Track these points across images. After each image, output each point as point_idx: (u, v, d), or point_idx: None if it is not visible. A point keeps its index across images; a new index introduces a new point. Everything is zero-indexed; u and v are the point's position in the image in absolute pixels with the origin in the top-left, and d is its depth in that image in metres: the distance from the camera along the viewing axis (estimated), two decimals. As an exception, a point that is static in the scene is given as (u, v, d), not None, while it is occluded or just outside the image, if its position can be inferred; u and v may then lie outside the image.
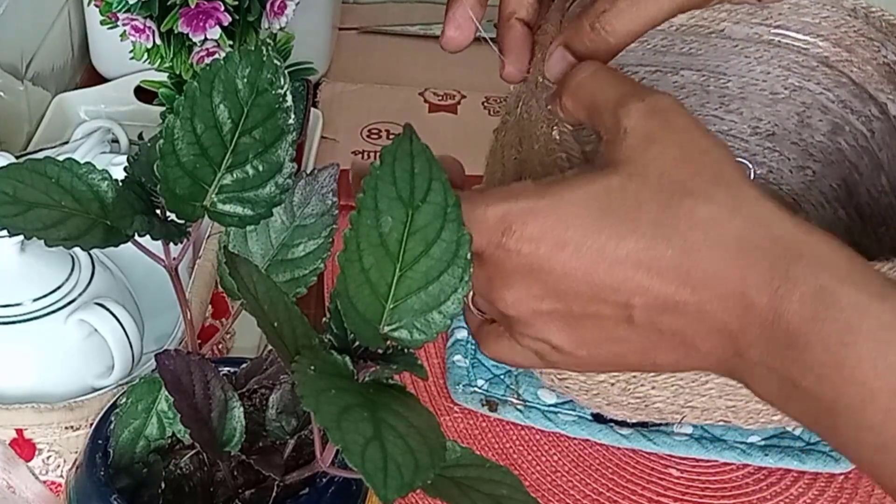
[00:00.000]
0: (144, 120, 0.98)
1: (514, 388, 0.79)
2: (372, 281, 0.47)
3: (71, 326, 0.69)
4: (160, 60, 0.85)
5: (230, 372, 0.56)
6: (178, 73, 0.86)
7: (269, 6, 0.84)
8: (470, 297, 0.53)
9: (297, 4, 0.86)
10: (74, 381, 0.69)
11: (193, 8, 0.80)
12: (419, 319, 0.47)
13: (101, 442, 0.54)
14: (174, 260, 0.53)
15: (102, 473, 0.53)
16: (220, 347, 0.77)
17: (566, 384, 0.68)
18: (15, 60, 0.97)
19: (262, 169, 0.51)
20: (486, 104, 1.11)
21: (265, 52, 0.50)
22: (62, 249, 0.50)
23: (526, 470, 0.76)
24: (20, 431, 0.67)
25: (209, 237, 0.77)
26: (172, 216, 0.51)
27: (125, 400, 0.55)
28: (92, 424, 0.56)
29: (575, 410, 0.78)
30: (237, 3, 0.82)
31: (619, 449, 0.77)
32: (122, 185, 0.52)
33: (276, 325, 0.46)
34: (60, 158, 0.51)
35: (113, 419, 0.55)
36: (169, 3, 0.81)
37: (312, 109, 1.00)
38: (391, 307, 0.47)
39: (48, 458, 0.68)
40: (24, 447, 0.67)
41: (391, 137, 0.48)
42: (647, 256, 0.46)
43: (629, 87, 0.51)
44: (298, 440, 0.55)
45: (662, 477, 0.76)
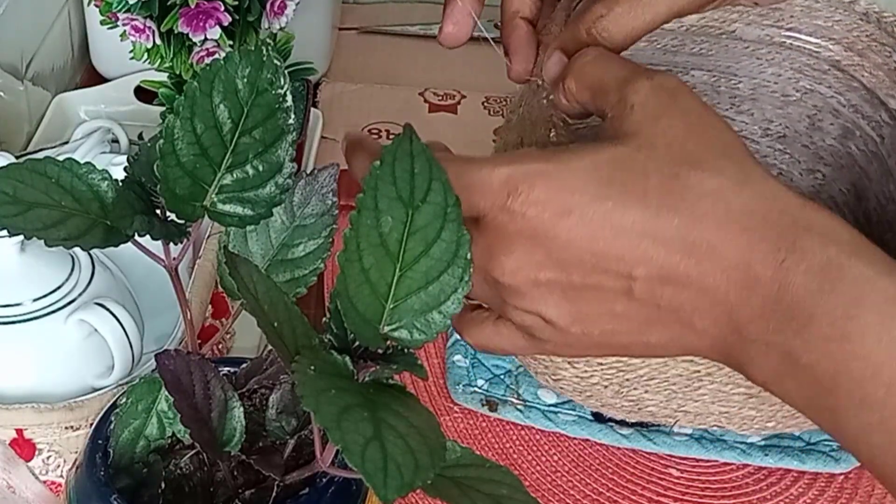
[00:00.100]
0: (144, 120, 0.98)
1: (514, 388, 0.79)
2: (372, 281, 0.47)
3: (71, 326, 0.69)
4: (160, 60, 0.85)
5: (230, 372, 0.56)
6: (178, 73, 0.86)
7: (269, 6, 0.84)
8: None
9: (297, 4, 0.86)
10: (74, 381, 0.69)
11: (193, 8, 0.80)
12: (419, 319, 0.47)
13: (101, 442, 0.54)
14: (174, 260, 0.53)
15: (102, 473, 0.53)
16: (220, 347, 0.77)
17: (560, 385, 0.68)
18: (15, 60, 0.97)
19: (262, 169, 0.51)
20: (486, 104, 1.11)
21: (265, 52, 0.50)
22: (62, 249, 0.50)
23: (526, 470, 0.76)
24: (20, 431, 0.67)
25: (209, 237, 0.77)
26: (172, 216, 0.51)
27: (125, 400, 0.55)
28: (92, 424, 0.56)
29: (575, 410, 0.78)
30: (237, 3, 0.82)
31: (619, 449, 0.77)
32: (122, 185, 0.52)
33: (276, 325, 0.46)
34: (60, 158, 0.51)
35: (113, 419, 0.55)
36: (169, 3, 0.81)
37: (312, 109, 1.00)
38: (391, 307, 0.47)
39: (48, 458, 0.68)
40: (24, 447, 0.67)
41: (391, 137, 0.48)
42: (652, 226, 0.46)
43: (635, 67, 0.51)
44: (298, 440, 0.55)
45: (662, 477, 0.76)
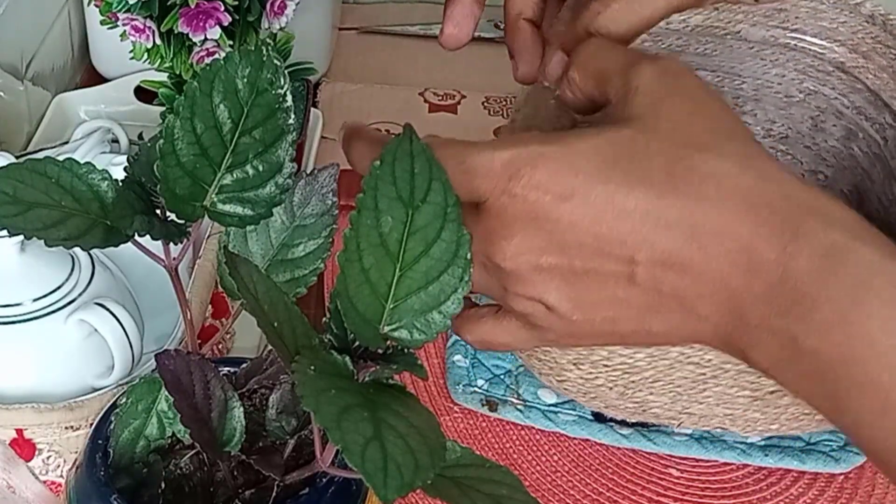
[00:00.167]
0: (144, 120, 0.98)
1: (514, 388, 0.79)
2: (372, 281, 0.47)
3: (71, 326, 0.69)
4: (160, 60, 0.85)
5: (230, 372, 0.56)
6: (178, 73, 0.86)
7: (269, 6, 0.84)
8: None
9: (297, 4, 0.86)
10: (74, 381, 0.69)
11: (193, 8, 0.80)
12: (419, 319, 0.47)
13: (101, 442, 0.54)
14: (174, 260, 0.53)
15: (102, 473, 0.53)
16: (220, 347, 0.77)
17: (564, 386, 0.68)
18: (15, 60, 0.97)
19: (262, 169, 0.51)
20: (486, 104, 1.11)
21: (265, 52, 0.50)
22: (62, 249, 0.50)
23: (526, 470, 0.76)
24: (20, 431, 0.67)
25: (209, 237, 0.77)
26: (172, 216, 0.51)
27: (125, 400, 0.55)
28: (92, 424, 0.56)
29: (575, 410, 0.78)
30: (237, 3, 0.82)
31: (619, 449, 0.77)
32: (122, 185, 0.52)
33: (276, 325, 0.46)
34: (60, 158, 0.51)
35: (113, 419, 0.55)
36: (169, 3, 0.81)
37: (312, 109, 1.00)
38: (391, 307, 0.47)
39: (48, 458, 0.68)
40: (24, 447, 0.67)
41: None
42: (655, 208, 0.45)
43: (637, 52, 0.51)
44: (298, 440, 0.55)
45: (662, 477, 0.76)
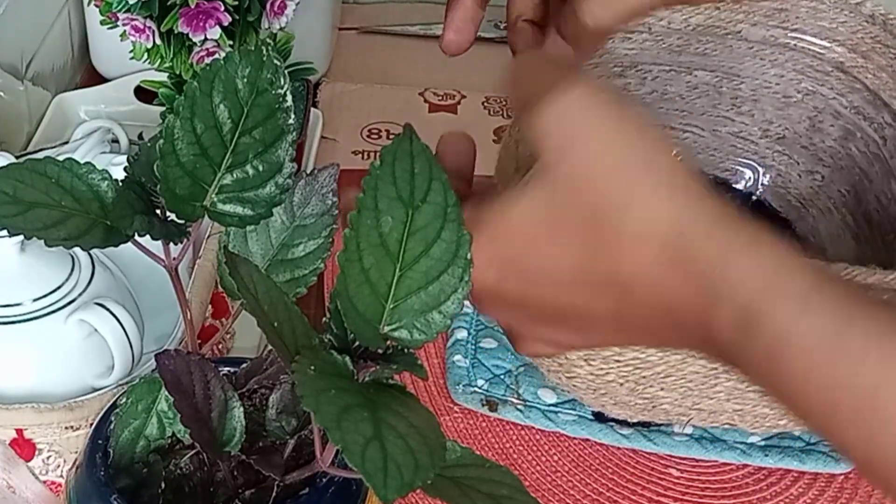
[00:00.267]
0: (144, 120, 0.98)
1: (514, 387, 0.79)
2: (372, 281, 0.47)
3: (71, 326, 0.69)
4: (160, 60, 0.85)
5: (230, 372, 0.56)
6: (178, 73, 0.86)
7: (269, 6, 0.84)
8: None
9: (297, 4, 0.86)
10: (74, 381, 0.69)
11: (193, 8, 0.80)
12: (419, 319, 0.47)
13: (101, 442, 0.54)
14: (174, 260, 0.53)
15: (102, 473, 0.53)
16: (220, 347, 0.77)
17: (574, 383, 0.68)
18: (15, 60, 0.97)
19: (262, 169, 0.51)
20: (486, 104, 1.11)
21: (265, 52, 0.50)
22: (62, 249, 0.50)
23: (526, 470, 0.76)
24: (20, 431, 0.67)
25: (209, 237, 0.77)
26: (172, 216, 0.51)
27: (125, 400, 0.55)
28: (92, 424, 0.56)
29: (575, 410, 0.78)
30: (237, 3, 0.82)
31: (619, 449, 0.77)
32: (122, 185, 0.52)
33: (276, 325, 0.46)
34: (60, 158, 0.51)
35: (113, 419, 0.55)
36: (169, 3, 0.81)
37: (312, 109, 1.00)
38: (391, 307, 0.47)
39: (48, 458, 0.68)
40: (24, 447, 0.67)
41: (391, 137, 0.48)
42: (584, 275, 0.47)
43: (546, 82, 0.48)
44: (298, 440, 0.55)
45: (662, 477, 0.76)
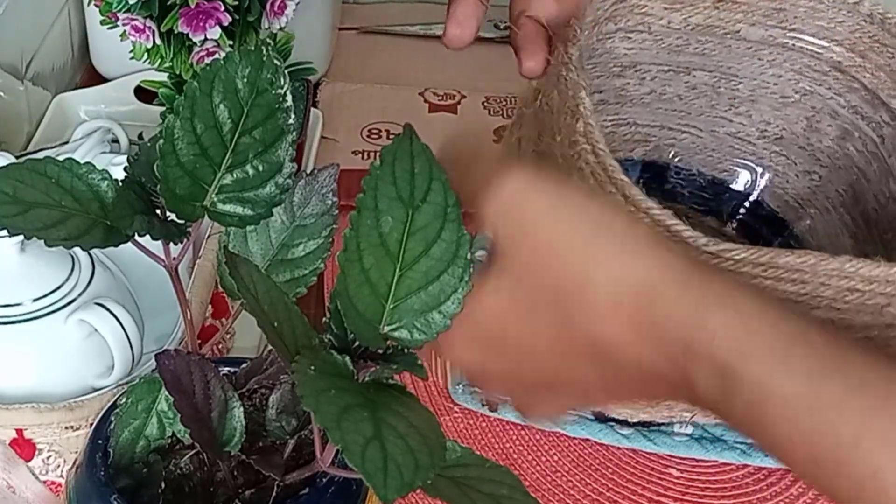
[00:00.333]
0: (144, 120, 0.98)
1: (514, 388, 0.79)
2: (372, 281, 0.47)
3: (71, 326, 0.69)
4: (160, 60, 0.85)
5: (230, 372, 0.56)
6: (178, 73, 0.86)
7: (269, 6, 0.84)
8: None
9: (297, 4, 0.86)
10: (74, 381, 0.69)
11: (193, 8, 0.80)
12: (419, 319, 0.47)
13: (101, 442, 0.54)
14: (174, 260, 0.53)
15: (102, 473, 0.53)
16: (220, 347, 0.77)
17: None
18: (15, 60, 0.96)
19: (262, 169, 0.51)
20: (486, 104, 1.11)
21: (265, 52, 0.50)
22: (62, 249, 0.50)
23: (526, 470, 0.76)
24: (20, 431, 0.67)
25: (209, 237, 0.77)
26: (172, 216, 0.51)
27: (125, 400, 0.55)
28: (92, 424, 0.56)
29: (575, 409, 0.78)
30: (237, 3, 0.82)
31: (619, 449, 0.77)
32: (122, 185, 0.52)
33: (276, 325, 0.46)
34: (60, 158, 0.51)
35: (113, 419, 0.55)
36: (169, 3, 0.81)
37: (312, 109, 1.00)
38: (391, 307, 0.47)
39: (48, 458, 0.68)
40: (24, 447, 0.67)
41: (391, 137, 0.48)
42: (561, 349, 0.47)
43: (484, 171, 0.48)
44: (298, 440, 0.55)
45: (662, 477, 0.76)
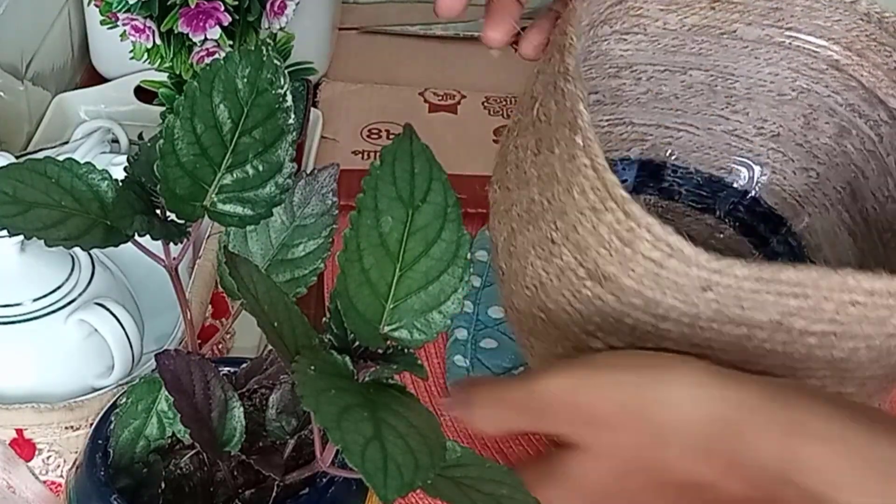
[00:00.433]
0: (144, 120, 0.98)
1: (514, 388, 0.79)
2: (372, 281, 0.47)
3: (71, 326, 0.69)
4: (160, 60, 0.85)
5: (230, 372, 0.56)
6: (178, 73, 0.86)
7: (269, 6, 0.84)
8: None
9: (297, 4, 0.86)
10: (74, 381, 0.69)
11: (193, 8, 0.80)
12: (419, 319, 0.47)
13: (101, 442, 0.54)
14: (174, 260, 0.53)
15: (102, 473, 0.53)
16: (220, 347, 0.77)
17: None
18: (15, 60, 0.96)
19: (262, 169, 0.51)
20: (486, 104, 1.11)
21: (265, 52, 0.50)
22: (62, 249, 0.50)
23: (526, 470, 0.76)
24: (20, 431, 0.67)
25: (209, 237, 0.77)
26: (172, 216, 0.51)
27: (125, 400, 0.55)
28: (92, 424, 0.56)
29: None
30: (237, 3, 0.82)
31: (619, 449, 0.77)
32: (122, 185, 0.52)
33: (276, 325, 0.46)
34: (60, 158, 0.51)
35: (113, 419, 0.55)
36: (169, 3, 0.81)
37: (312, 109, 1.00)
38: (391, 307, 0.47)
39: (48, 458, 0.68)
40: (24, 447, 0.67)
41: (391, 137, 0.48)
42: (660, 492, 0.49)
43: (528, 401, 0.50)
44: (298, 440, 0.55)
45: (662, 477, 0.76)
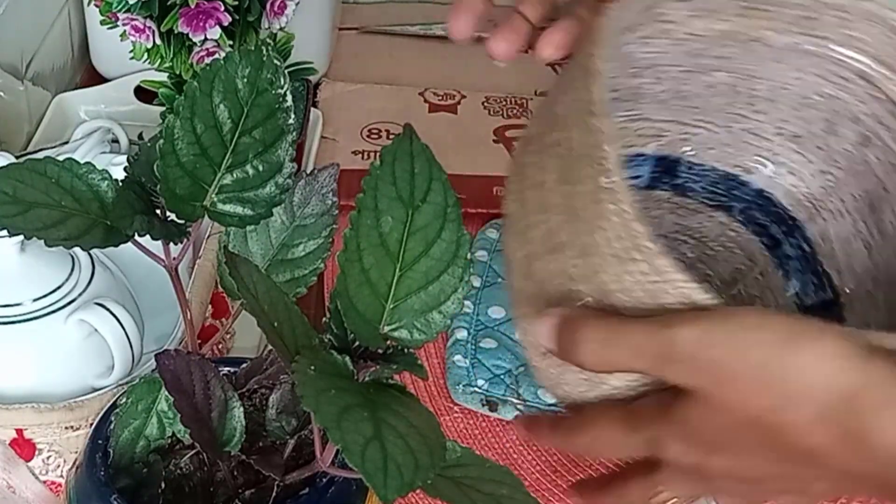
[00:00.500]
0: (144, 120, 0.98)
1: (514, 388, 0.79)
2: (372, 281, 0.47)
3: (71, 326, 0.69)
4: (160, 60, 0.85)
5: (230, 372, 0.56)
6: (178, 73, 0.86)
7: (269, 6, 0.84)
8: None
9: (297, 4, 0.86)
10: (74, 381, 0.69)
11: (193, 8, 0.80)
12: (419, 319, 0.47)
13: (101, 442, 0.54)
14: (174, 260, 0.53)
15: (102, 473, 0.53)
16: (220, 347, 0.77)
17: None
18: (15, 60, 0.96)
19: (262, 169, 0.51)
20: (486, 104, 1.11)
21: (265, 52, 0.50)
22: (62, 249, 0.50)
23: (526, 470, 0.76)
24: (20, 431, 0.67)
25: (209, 237, 0.77)
26: (172, 216, 0.51)
27: (125, 400, 0.55)
28: (92, 424, 0.56)
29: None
30: (237, 3, 0.82)
31: (619, 449, 0.77)
32: (122, 185, 0.52)
33: (276, 325, 0.46)
34: (60, 158, 0.51)
35: (113, 419, 0.55)
36: (169, 3, 0.81)
37: (312, 109, 1.00)
38: (391, 307, 0.47)
39: (48, 458, 0.68)
40: (24, 447, 0.67)
41: (391, 137, 0.48)
42: (777, 457, 0.46)
43: (652, 346, 0.45)
44: (298, 440, 0.55)
45: (662, 477, 0.76)
